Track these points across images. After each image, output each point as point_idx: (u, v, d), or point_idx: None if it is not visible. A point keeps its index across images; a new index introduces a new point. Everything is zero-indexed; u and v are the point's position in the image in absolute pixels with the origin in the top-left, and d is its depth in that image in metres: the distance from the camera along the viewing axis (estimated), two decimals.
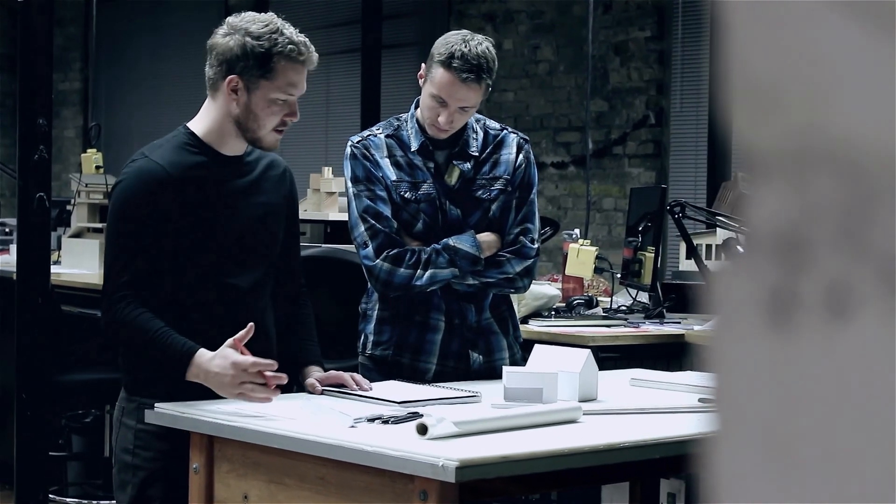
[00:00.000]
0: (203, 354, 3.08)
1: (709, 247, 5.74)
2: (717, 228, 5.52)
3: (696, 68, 8.56)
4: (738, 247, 4.51)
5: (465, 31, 3.73)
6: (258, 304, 3.30)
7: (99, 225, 6.94)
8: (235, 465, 3.01)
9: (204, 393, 3.14)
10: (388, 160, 3.71)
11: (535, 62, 9.39)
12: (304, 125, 3.31)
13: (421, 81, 3.70)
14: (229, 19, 3.25)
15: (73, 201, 7.16)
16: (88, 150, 7.41)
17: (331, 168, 6.25)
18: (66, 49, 13.07)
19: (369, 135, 3.76)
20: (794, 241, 0.62)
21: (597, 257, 5.44)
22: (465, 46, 3.62)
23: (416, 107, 3.76)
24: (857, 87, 0.61)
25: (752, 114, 0.64)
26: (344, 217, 6.04)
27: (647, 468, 3.29)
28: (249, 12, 3.28)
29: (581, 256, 5.28)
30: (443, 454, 2.58)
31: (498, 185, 3.76)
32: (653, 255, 5.26)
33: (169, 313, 3.15)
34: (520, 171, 3.80)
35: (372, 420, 2.93)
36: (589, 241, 5.65)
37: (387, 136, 3.74)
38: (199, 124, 3.27)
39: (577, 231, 5.62)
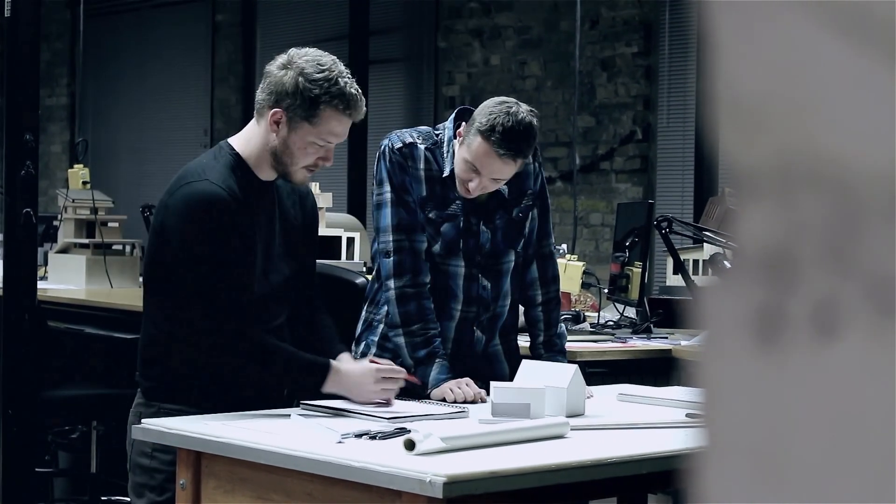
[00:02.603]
0: (338, 365, 3.26)
1: (696, 262, 5.75)
2: (705, 243, 5.53)
3: (683, 84, 8.58)
4: (725, 262, 4.52)
5: (509, 102, 3.54)
6: (273, 322, 3.32)
7: (86, 240, 6.92)
8: (222, 481, 3.00)
9: (221, 402, 3.22)
10: (423, 173, 3.65)
11: (523, 77, 9.41)
12: None
13: (458, 140, 3.57)
14: (292, 51, 3.23)
15: (59, 217, 7.14)
16: (75, 166, 7.40)
17: (318, 183, 6.24)
18: (53, 64, 13.07)
19: (411, 142, 3.64)
20: (781, 259, 0.62)
21: (584, 272, 5.44)
22: (508, 120, 3.46)
23: (456, 125, 3.63)
24: (843, 106, 0.61)
25: (739, 132, 0.64)
26: (331, 232, 6.05)
27: (635, 483, 3.29)
28: (314, 50, 3.25)
29: (568, 271, 5.29)
30: (430, 470, 2.58)
31: (526, 202, 3.74)
32: (640, 270, 5.27)
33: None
34: (539, 178, 3.78)
35: (359, 435, 2.93)
36: (576, 256, 5.66)
37: (426, 149, 3.67)
38: (245, 146, 3.27)
39: (564, 246, 5.63)
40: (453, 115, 3.68)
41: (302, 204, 3.41)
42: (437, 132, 3.69)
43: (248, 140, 3.27)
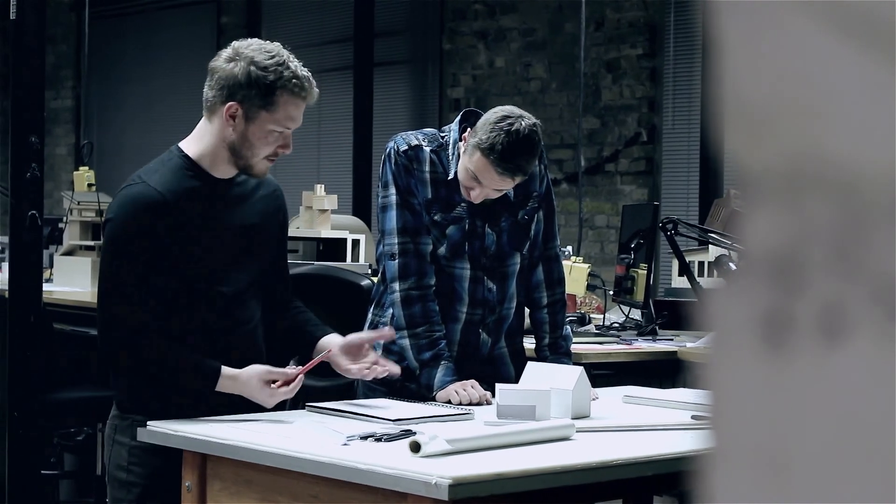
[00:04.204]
0: (228, 368, 3.16)
1: (701, 264, 5.75)
2: (710, 245, 5.53)
3: (688, 85, 8.58)
4: (731, 264, 4.51)
5: (511, 117, 3.50)
6: (250, 321, 3.30)
7: (91, 243, 6.93)
8: (228, 483, 3.00)
9: (196, 412, 3.17)
10: (428, 175, 3.64)
11: (528, 80, 9.41)
12: (296, 143, 3.30)
13: (462, 144, 3.58)
14: (235, 44, 3.22)
15: (65, 219, 7.15)
16: (80, 168, 7.40)
17: (323, 185, 6.24)
18: (58, 67, 13.08)
19: (416, 145, 3.64)
20: (788, 263, 0.62)
21: (589, 274, 5.44)
22: (507, 140, 3.43)
23: (461, 128, 3.62)
24: (850, 109, 0.61)
25: (746, 136, 0.64)
26: (337, 234, 6.05)
27: (641, 485, 3.28)
28: (256, 40, 3.24)
29: (573, 273, 5.28)
30: (436, 472, 2.58)
31: (532, 204, 3.73)
32: (645, 272, 5.27)
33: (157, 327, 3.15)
34: (545, 181, 3.78)
35: (365, 438, 2.93)
36: (581, 258, 5.65)
37: (431, 151, 3.66)
38: (194, 147, 3.25)
39: (569, 248, 5.63)
40: (458, 117, 3.67)
41: (269, 201, 3.38)
42: (442, 134, 3.68)
43: (199, 140, 3.25)
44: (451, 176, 3.61)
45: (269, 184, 3.38)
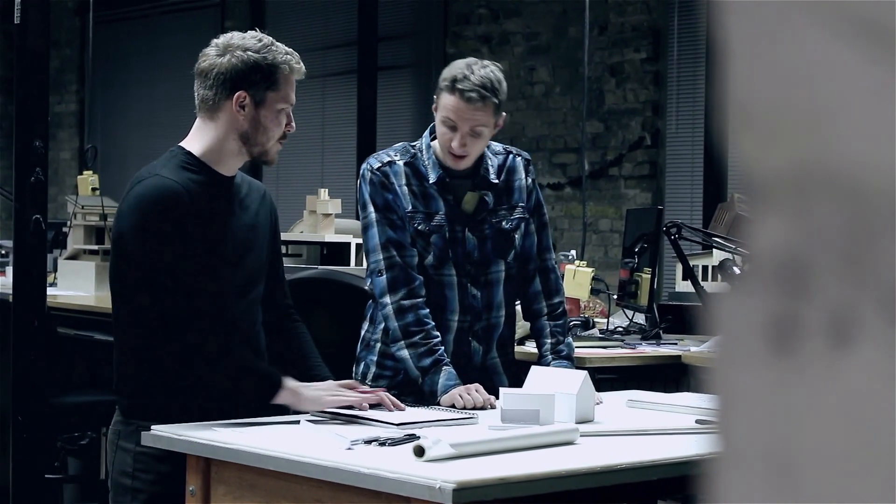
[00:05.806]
0: (290, 382, 3.22)
1: (705, 268, 5.75)
2: (714, 249, 5.52)
3: (692, 89, 8.57)
4: (735, 268, 4.51)
5: (470, 59, 3.74)
6: (253, 326, 3.30)
7: (95, 247, 6.93)
8: (232, 488, 3.00)
9: (201, 417, 3.16)
10: (405, 188, 3.68)
11: (531, 84, 9.41)
12: (300, 146, 3.34)
13: (435, 114, 3.69)
14: (216, 41, 3.27)
15: (69, 223, 7.15)
16: (84, 172, 7.41)
17: (327, 190, 6.24)
18: (63, 71, 13.08)
19: (389, 161, 3.70)
20: (795, 268, 0.62)
21: (593, 279, 5.43)
22: (469, 70, 3.64)
23: (431, 135, 3.72)
24: (858, 115, 0.61)
25: (753, 141, 0.64)
26: (340, 238, 6.05)
27: (645, 490, 3.28)
28: (235, 32, 3.31)
29: (577, 278, 5.28)
30: (440, 476, 2.58)
31: (517, 214, 3.76)
32: (649, 276, 5.26)
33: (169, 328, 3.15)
34: (533, 195, 3.81)
35: (369, 442, 2.92)
36: (585, 262, 5.64)
37: (405, 164, 3.71)
38: (196, 144, 3.26)
39: (573, 252, 5.62)
40: (429, 128, 3.74)
41: (261, 203, 3.40)
42: (412, 145, 3.74)
43: (201, 138, 3.26)
44: (432, 179, 3.66)
45: (259, 187, 3.43)
